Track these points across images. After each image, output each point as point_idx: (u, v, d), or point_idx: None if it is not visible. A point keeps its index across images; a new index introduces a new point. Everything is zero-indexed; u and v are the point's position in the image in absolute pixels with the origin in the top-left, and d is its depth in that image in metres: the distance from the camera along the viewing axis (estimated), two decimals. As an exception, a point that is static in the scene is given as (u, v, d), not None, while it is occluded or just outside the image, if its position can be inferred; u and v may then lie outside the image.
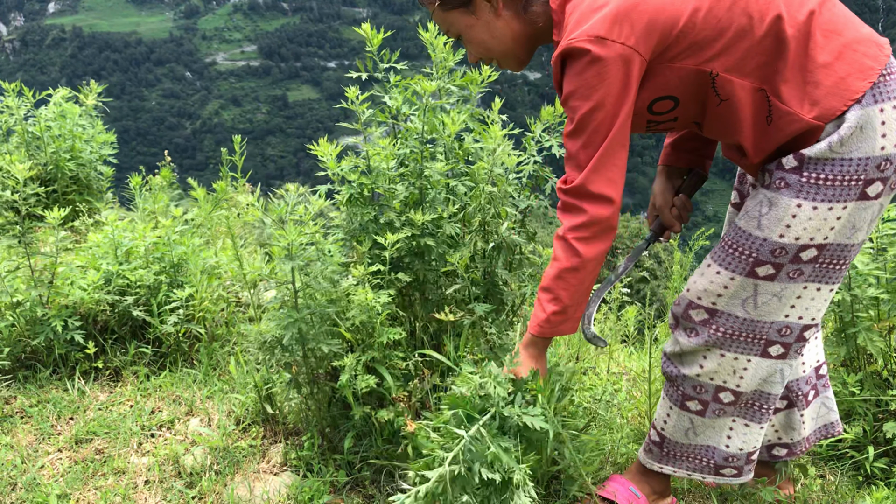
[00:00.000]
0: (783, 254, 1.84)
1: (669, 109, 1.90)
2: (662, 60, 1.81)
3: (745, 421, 2.10)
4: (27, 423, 2.72)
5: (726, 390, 2.04)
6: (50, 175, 4.58)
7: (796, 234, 1.81)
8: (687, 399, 2.10)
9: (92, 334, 3.08)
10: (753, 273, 1.89)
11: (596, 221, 1.86)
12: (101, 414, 2.76)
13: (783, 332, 1.96)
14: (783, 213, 1.81)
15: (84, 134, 4.79)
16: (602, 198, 1.85)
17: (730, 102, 1.81)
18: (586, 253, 1.88)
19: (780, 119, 1.79)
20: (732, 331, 1.97)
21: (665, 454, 2.21)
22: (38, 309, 2.94)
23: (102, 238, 3.29)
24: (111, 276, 3.10)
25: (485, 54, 2.10)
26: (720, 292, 1.95)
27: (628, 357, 4.03)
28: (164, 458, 2.50)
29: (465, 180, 2.68)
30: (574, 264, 1.90)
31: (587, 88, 1.79)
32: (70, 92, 4.78)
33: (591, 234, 1.88)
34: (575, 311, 1.99)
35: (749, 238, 1.88)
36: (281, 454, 2.50)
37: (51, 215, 2.96)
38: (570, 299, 1.95)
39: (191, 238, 3.33)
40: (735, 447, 2.12)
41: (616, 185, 1.85)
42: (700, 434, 2.14)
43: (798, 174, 1.79)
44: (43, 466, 2.48)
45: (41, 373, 2.96)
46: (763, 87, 1.78)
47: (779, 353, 1.99)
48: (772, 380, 2.03)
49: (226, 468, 2.43)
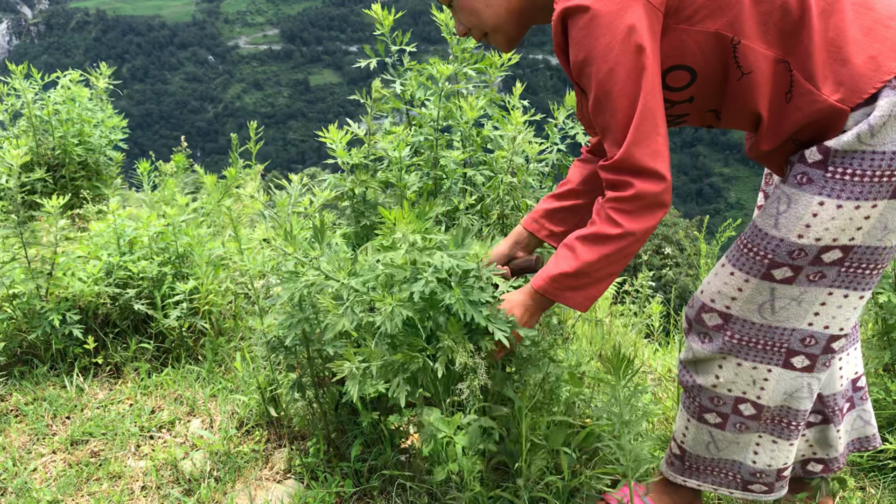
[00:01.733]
0: (802, 256, 1.65)
1: (686, 85, 1.70)
2: (678, 20, 1.60)
3: (773, 437, 1.92)
4: (21, 421, 2.59)
5: (746, 402, 1.86)
6: (57, 160, 4.46)
7: (817, 234, 1.62)
8: (704, 411, 1.93)
9: (92, 328, 2.95)
10: (769, 276, 1.71)
11: (643, 196, 1.63)
12: (99, 413, 2.63)
13: (807, 342, 1.76)
14: (803, 210, 1.62)
15: (93, 118, 4.66)
16: (651, 172, 1.62)
17: (752, 77, 1.63)
18: (629, 225, 1.65)
19: (801, 97, 1.60)
20: (748, 338, 1.79)
21: (687, 467, 2.04)
22: (36, 301, 2.81)
23: (105, 227, 3.15)
24: (112, 268, 2.96)
25: (475, 23, 1.85)
26: (734, 295, 1.77)
27: (653, 354, 3.85)
28: (162, 462, 2.37)
29: (484, 169, 2.52)
30: (610, 232, 1.67)
31: (596, 50, 1.57)
32: (81, 75, 4.65)
33: (634, 208, 1.65)
34: (591, 285, 1.75)
35: (765, 238, 1.69)
36: (285, 460, 2.35)
37: (49, 203, 2.82)
38: (589, 266, 1.71)
39: (197, 228, 3.19)
40: (763, 463, 1.94)
41: (662, 156, 1.63)
42: (723, 449, 1.96)
43: (822, 169, 1.60)
44: (35, 469, 2.35)
45: (38, 368, 2.83)
46: (786, 59, 1.60)
47: (804, 366, 1.79)
48: (798, 395, 1.83)
49: (226, 475, 2.29)
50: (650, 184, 1.63)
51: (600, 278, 1.74)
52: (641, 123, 1.60)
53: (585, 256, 1.70)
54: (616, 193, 1.66)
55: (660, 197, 1.64)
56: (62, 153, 4.44)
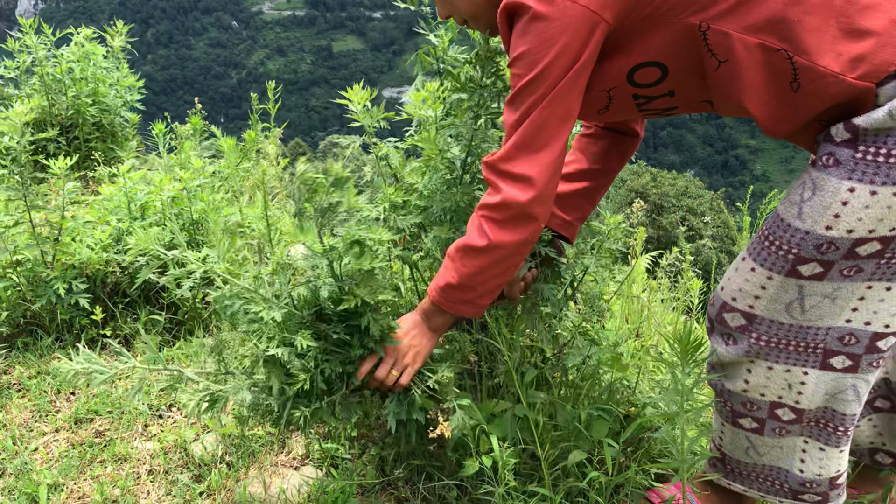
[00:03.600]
0: (832, 250, 1.42)
1: (657, 80, 1.53)
2: (635, 17, 1.43)
3: (819, 444, 1.69)
4: (24, 397, 2.43)
5: (783, 406, 1.64)
6: (71, 120, 4.28)
7: (849, 225, 1.39)
8: (738, 416, 1.72)
9: (100, 298, 2.77)
10: (795, 272, 1.48)
11: (508, 205, 1.52)
12: (106, 389, 2.46)
13: (847, 341, 1.53)
14: (830, 198, 1.39)
15: (109, 77, 4.47)
16: (520, 178, 1.50)
17: (730, 64, 1.43)
18: (495, 237, 1.55)
19: (812, 83, 1.37)
20: (777, 339, 1.57)
21: (730, 471, 1.84)
22: (41, 269, 2.64)
23: (116, 191, 2.97)
24: (121, 234, 2.79)
25: (452, 12, 1.70)
26: (757, 294, 1.55)
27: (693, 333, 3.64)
28: (171, 444, 2.20)
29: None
30: (478, 245, 1.57)
31: (530, 53, 1.46)
32: (94, 32, 4.45)
33: (502, 218, 1.54)
34: (477, 297, 1.65)
35: (787, 230, 1.46)
36: (303, 445, 2.18)
37: (56, 164, 2.64)
38: (467, 279, 1.61)
39: (212, 193, 3.00)
40: (811, 472, 1.72)
41: (542, 166, 1.50)
42: (764, 454, 1.74)
43: (852, 148, 1.37)
44: (36, 449, 2.20)
45: (43, 340, 2.67)
46: (781, 47, 1.37)
47: (845, 366, 1.56)
48: (842, 397, 1.60)
49: (239, 460, 2.12)
50: (517, 190, 1.51)
51: (482, 290, 1.64)
52: (534, 130, 1.49)
53: (463, 269, 1.61)
54: (486, 199, 1.57)
55: (527, 208, 1.52)
56: (75, 113, 4.26)
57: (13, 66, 4.09)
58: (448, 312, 1.70)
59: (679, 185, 29.99)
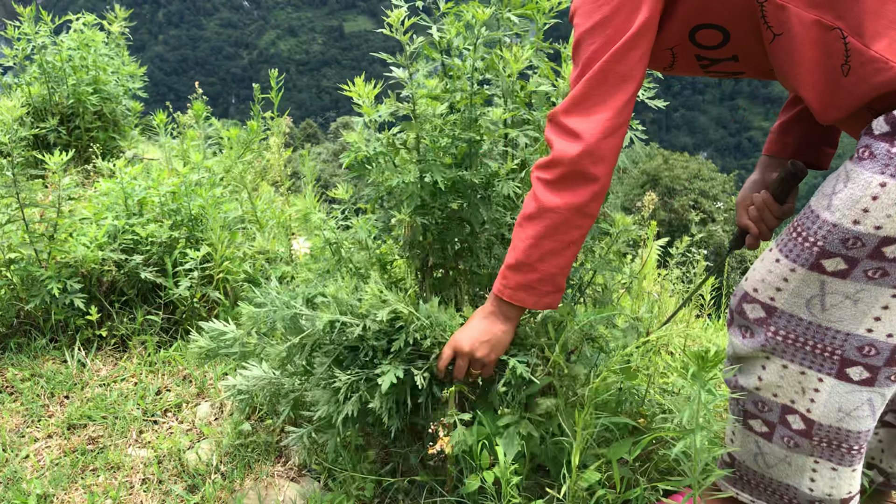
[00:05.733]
0: (858, 246, 1.36)
1: (719, 44, 1.51)
2: None
3: (831, 464, 1.61)
4: (16, 400, 2.37)
5: (795, 413, 1.57)
6: (72, 109, 4.21)
7: (876, 221, 1.32)
8: (749, 417, 1.65)
9: (96, 297, 2.71)
10: (818, 266, 1.42)
11: (559, 161, 1.50)
12: (101, 393, 2.40)
13: (866, 352, 1.45)
14: (861, 192, 1.33)
15: (111, 65, 4.39)
16: (570, 132, 1.49)
17: (785, 38, 1.39)
18: (545, 199, 1.53)
19: (862, 67, 1.31)
20: (795, 336, 1.50)
21: (739, 478, 1.77)
22: (35, 267, 2.57)
23: (113, 185, 2.90)
24: (117, 231, 2.71)
25: None
26: (779, 285, 1.49)
27: (704, 331, 3.55)
28: (165, 452, 2.14)
29: (528, 129, 2.21)
30: (530, 210, 1.55)
31: (588, 4, 1.49)
32: (94, 18, 4.37)
33: (553, 177, 1.52)
34: (537, 280, 1.60)
35: (816, 221, 1.41)
36: (300, 454, 2.11)
37: (52, 159, 2.57)
38: (524, 255, 1.57)
39: (211, 188, 2.92)
40: (821, 492, 1.64)
41: (594, 123, 1.47)
42: (773, 466, 1.67)
43: (888, 142, 1.31)
44: (27, 457, 2.14)
45: (37, 341, 2.60)
46: (836, 26, 1.32)
47: (862, 378, 1.48)
48: (856, 413, 1.52)
49: (234, 470, 2.05)
50: (566, 144, 1.49)
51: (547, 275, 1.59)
52: (592, 85, 1.48)
53: (519, 244, 1.58)
54: (543, 158, 1.56)
55: (577, 165, 1.49)
56: (76, 102, 4.18)
57: (11, 54, 4.01)
58: (509, 303, 1.65)
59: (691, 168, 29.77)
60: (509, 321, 1.69)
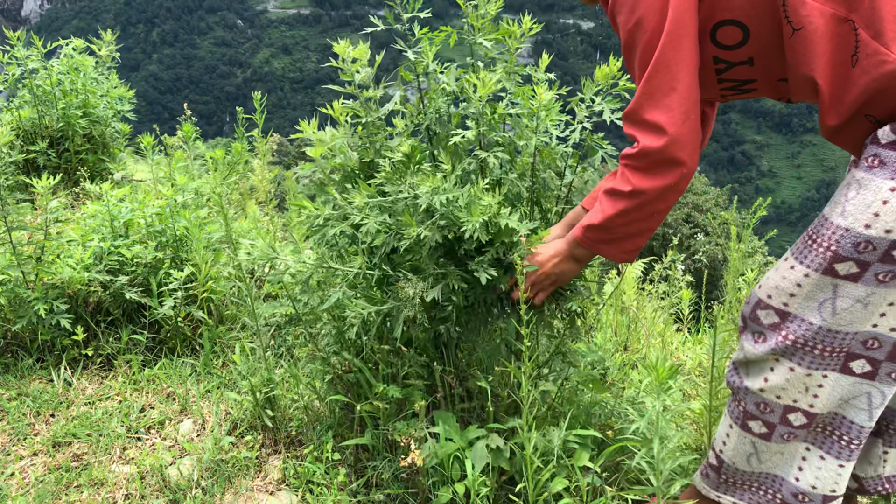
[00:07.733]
0: (869, 249, 1.44)
1: (739, 43, 1.57)
2: None
3: (821, 452, 1.68)
4: (2, 419, 2.42)
5: (797, 411, 1.64)
6: (61, 133, 4.28)
7: (887, 225, 1.40)
8: (749, 418, 1.71)
9: (82, 317, 2.76)
10: (832, 270, 1.49)
11: (646, 153, 1.58)
12: (86, 411, 2.45)
13: (870, 345, 1.54)
14: (872, 197, 1.42)
15: (99, 88, 4.47)
16: (652, 126, 1.56)
17: (804, 32, 1.46)
18: (638, 182, 1.62)
19: (867, 59, 1.41)
20: (805, 340, 1.57)
21: (723, 481, 1.83)
22: (22, 289, 2.63)
23: (100, 208, 2.96)
24: (103, 253, 2.77)
25: None
26: (793, 291, 1.56)
27: (682, 345, 3.61)
28: (148, 468, 2.19)
29: (498, 151, 2.28)
30: (622, 189, 1.64)
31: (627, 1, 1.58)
32: (84, 43, 4.45)
33: (643, 165, 1.61)
34: (621, 239, 1.73)
35: (829, 227, 1.49)
36: (279, 468, 2.17)
37: (39, 183, 2.63)
38: (608, 221, 1.69)
39: (196, 209, 2.99)
40: (806, 483, 1.70)
41: (672, 112, 1.55)
42: (765, 461, 1.73)
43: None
44: (13, 474, 2.19)
45: (24, 361, 2.66)
46: (850, 18, 1.41)
47: (864, 371, 1.56)
48: (854, 403, 1.60)
49: (214, 485, 2.11)
50: (651, 138, 1.57)
51: (627, 235, 1.71)
52: (656, 75, 1.55)
53: (607, 210, 1.68)
54: (627, 149, 1.63)
55: (665, 153, 1.56)
56: (66, 125, 4.25)
57: (1, 79, 4.09)
58: (589, 252, 1.80)
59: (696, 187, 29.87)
60: (580, 262, 1.83)
